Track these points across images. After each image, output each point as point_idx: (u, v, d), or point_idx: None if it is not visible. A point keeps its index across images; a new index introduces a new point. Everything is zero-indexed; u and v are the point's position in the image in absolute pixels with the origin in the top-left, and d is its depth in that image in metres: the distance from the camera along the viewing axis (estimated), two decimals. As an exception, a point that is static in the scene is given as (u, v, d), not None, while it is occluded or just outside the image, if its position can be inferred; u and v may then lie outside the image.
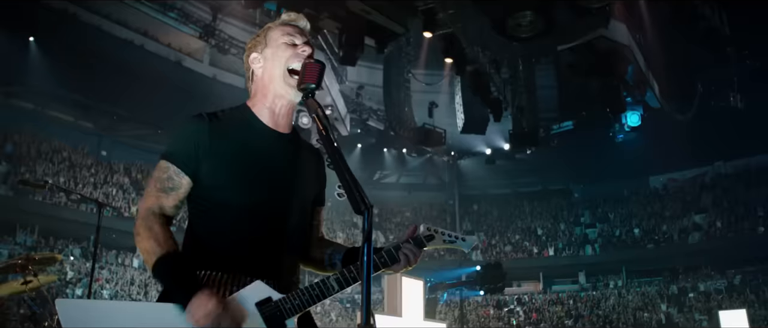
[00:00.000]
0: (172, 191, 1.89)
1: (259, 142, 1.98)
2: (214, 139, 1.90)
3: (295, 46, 2.01)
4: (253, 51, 2.07)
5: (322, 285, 1.86)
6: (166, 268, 1.78)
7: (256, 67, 2.05)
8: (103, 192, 24.79)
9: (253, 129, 1.99)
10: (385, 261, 1.96)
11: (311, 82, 1.87)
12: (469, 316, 27.05)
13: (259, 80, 2.05)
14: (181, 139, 1.92)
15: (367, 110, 23.13)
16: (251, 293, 1.81)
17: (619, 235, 30.29)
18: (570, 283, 30.63)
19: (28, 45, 22.16)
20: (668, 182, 32.14)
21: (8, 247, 21.25)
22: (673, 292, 26.61)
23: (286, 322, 1.81)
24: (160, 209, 1.88)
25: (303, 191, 2.04)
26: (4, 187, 22.00)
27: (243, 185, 1.91)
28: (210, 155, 1.89)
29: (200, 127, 1.91)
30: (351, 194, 1.65)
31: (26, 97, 25.83)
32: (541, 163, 27.92)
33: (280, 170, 1.98)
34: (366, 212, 1.63)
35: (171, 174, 1.89)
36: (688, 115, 20.01)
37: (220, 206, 1.90)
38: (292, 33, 2.05)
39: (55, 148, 25.37)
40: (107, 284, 21.39)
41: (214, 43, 20.63)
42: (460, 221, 32.70)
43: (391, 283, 6.66)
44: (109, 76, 22.43)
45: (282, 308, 1.81)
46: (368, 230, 1.63)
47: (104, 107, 27.33)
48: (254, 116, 2.01)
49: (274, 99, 2.01)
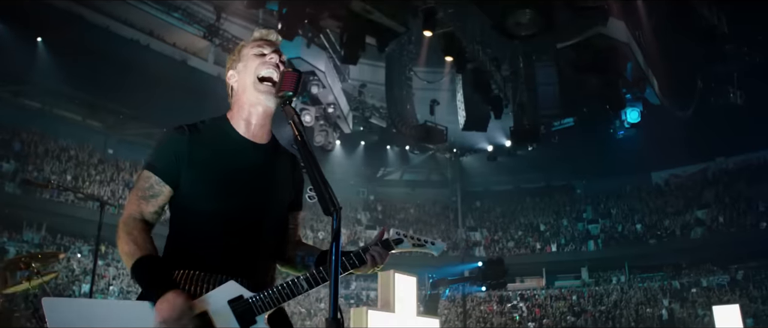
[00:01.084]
0: (152, 198, 2.00)
1: (235, 153, 2.08)
2: (194, 150, 2.02)
3: (264, 56, 2.14)
4: (230, 69, 2.21)
5: (293, 284, 1.95)
6: (142, 270, 1.88)
7: (233, 82, 2.18)
8: (109, 189, 25.09)
9: (229, 140, 2.10)
10: (353, 263, 2.05)
11: (288, 90, 2.00)
12: (472, 312, 27.21)
13: (235, 93, 2.17)
14: (162, 151, 2.05)
15: (369, 108, 23.28)
16: (224, 292, 1.90)
17: (621, 230, 30.35)
18: (572, 278, 30.72)
19: (35, 45, 22.37)
20: (670, 177, 32.11)
21: (16, 244, 21.54)
22: (675, 287, 26.67)
23: (256, 318, 1.89)
24: (141, 214, 1.99)
25: (277, 197, 2.15)
26: (12, 185, 22.28)
27: (219, 193, 2.01)
28: (189, 165, 2.01)
29: (181, 138, 2.03)
30: (321, 196, 1.80)
31: (34, 96, 26.11)
32: (543, 159, 27.99)
33: (254, 178, 2.08)
34: (335, 214, 1.76)
35: (152, 183, 2.01)
36: (688, 111, 20.10)
37: (197, 213, 2.00)
38: (262, 45, 2.17)
39: (62, 146, 25.65)
40: (114, 280, 21.65)
41: (218, 43, 20.86)
42: (462, 217, 32.83)
43: (384, 279, 6.85)
44: (115, 75, 22.64)
45: (253, 305, 1.90)
46: (337, 229, 1.75)
47: (110, 106, 27.56)
48: (231, 128, 2.12)
49: (249, 108, 2.12)
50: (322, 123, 19.54)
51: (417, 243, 2.17)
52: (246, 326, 1.87)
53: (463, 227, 32.59)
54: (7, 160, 23.06)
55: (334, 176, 31.87)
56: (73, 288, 19.86)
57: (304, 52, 17.59)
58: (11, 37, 21.20)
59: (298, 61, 17.69)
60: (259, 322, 1.89)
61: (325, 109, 19.28)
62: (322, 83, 18.33)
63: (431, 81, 21.32)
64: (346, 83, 22.08)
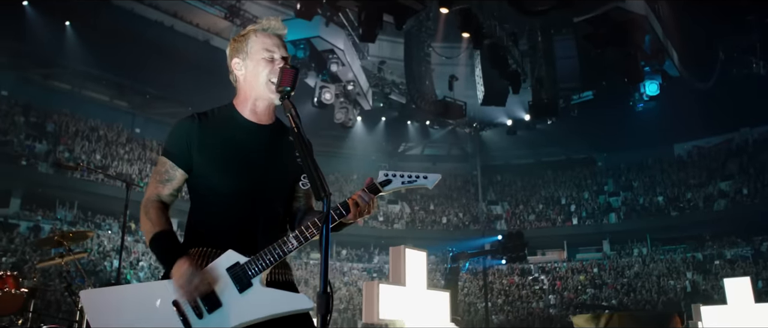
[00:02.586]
0: (168, 182, 2.23)
1: (242, 135, 2.27)
2: (204, 135, 2.22)
3: (273, 61, 2.28)
4: (235, 56, 2.33)
5: (282, 243, 2.09)
6: (158, 244, 2.12)
7: (239, 73, 2.32)
8: (137, 168, 25.82)
9: (236, 124, 2.29)
10: (340, 212, 2.13)
11: (287, 86, 2.15)
12: (493, 285, 27.52)
13: (242, 85, 2.33)
14: (175, 138, 2.24)
15: (389, 84, 23.43)
16: (223, 261, 2.09)
17: (642, 203, 30.27)
18: (594, 251, 30.80)
19: (64, 29, 22.97)
20: (693, 149, 31.76)
21: (50, 222, 22.41)
22: (698, 259, 26.64)
23: (251, 281, 2.06)
24: (158, 196, 2.23)
25: (282, 174, 2.31)
26: (45, 165, 23.06)
27: (227, 172, 2.21)
28: (200, 149, 2.21)
29: (192, 126, 2.24)
30: (313, 183, 1.96)
31: (64, 79, 26.85)
32: (563, 132, 27.88)
33: (260, 157, 2.26)
34: (325, 199, 1.92)
35: (167, 168, 2.23)
36: (709, 83, 19.88)
37: (210, 191, 2.22)
38: (270, 47, 2.30)
39: (91, 126, 26.41)
40: (143, 256, 22.41)
41: (239, 23, 21.15)
42: (483, 191, 33.00)
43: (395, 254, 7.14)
44: (141, 57, 23.18)
45: (247, 268, 2.07)
46: (326, 213, 1.92)
47: (137, 87, 28.20)
48: (238, 113, 2.31)
49: (256, 101, 2.30)
50: (343, 100, 19.79)
51: (407, 181, 2.20)
52: (243, 289, 2.05)
53: (483, 200, 32.77)
54: (40, 141, 23.86)
55: (355, 152, 32.28)
56: (104, 264, 20.62)
57: (323, 30, 17.80)
58: (42, 23, 21.84)
59: (317, 40, 17.95)
60: (255, 284, 2.06)
61: (345, 87, 19.50)
62: (342, 61, 18.53)
63: (449, 56, 21.36)
64: (365, 60, 22.23)
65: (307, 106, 19.74)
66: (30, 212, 22.67)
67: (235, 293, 2.06)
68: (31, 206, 22.90)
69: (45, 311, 11.17)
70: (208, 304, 2.04)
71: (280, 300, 2.08)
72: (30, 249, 19.12)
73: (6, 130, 22.95)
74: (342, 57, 18.48)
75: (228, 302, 2.05)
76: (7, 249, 18.86)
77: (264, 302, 2.05)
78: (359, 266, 29.05)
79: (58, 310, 14.08)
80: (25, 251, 18.96)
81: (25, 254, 18.79)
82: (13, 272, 5.48)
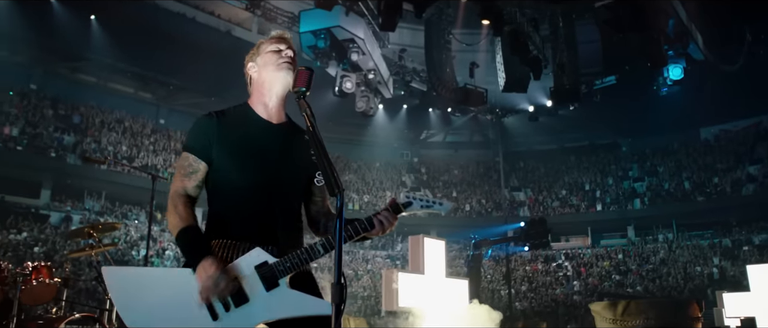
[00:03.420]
0: (192, 174, 2.35)
1: (257, 132, 2.42)
2: (222, 131, 2.37)
3: (280, 51, 2.49)
4: (249, 61, 2.55)
5: (310, 249, 2.23)
6: (184, 239, 2.24)
7: (252, 73, 2.53)
8: (162, 158, 26.24)
9: (251, 121, 2.44)
10: (365, 227, 2.30)
11: (302, 87, 2.26)
12: (517, 271, 27.50)
13: (255, 82, 2.52)
14: (196, 133, 2.39)
15: (409, 72, 23.39)
16: (251, 258, 2.21)
17: (668, 188, 29.90)
18: (619, 237, 30.58)
19: (89, 23, 23.34)
20: (720, 133, 31.19)
21: (79, 212, 22.95)
22: (726, 245, 26.29)
23: (279, 281, 2.19)
24: (184, 190, 2.34)
25: (295, 169, 2.44)
26: (73, 157, 23.56)
27: (246, 167, 2.35)
28: (219, 144, 2.35)
29: (211, 122, 2.39)
30: (328, 180, 2.06)
31: (90, 72, 27.32)
32: (586, 118, 27.60)
33: (274, 153, 2.40)
34: (338, 195, 2.03)
35: (191, 161, 2.35)
36: (736, 65, 19.46)
37: (229, 185, 2.35)
38: (277, 42, 2.53)
39: (117, 118, 26.90)
40: (169, 245, 22.83)
41: (259, 13, 21.26)
42: (506, 177, 32.88)
43: (414, 243, 7.24)
44: (164, 49, 23.45)
45: (276, 269, 2.20)
46: (340, 208, 2.02)
47: (161, 78, 28.57)
48: (252, 111, 2.47)
49: (268, 94, 2.46)
50: (364, 89, 19.83)
51: (425, 205, 2.37)
52: (270, 288, 2.19)
53: (506, 187, 32.66)
54: (68, 133, 24.38)
55: (377, 140, 32.38)
56: (132, 253, 21.06)
57: (343, 20, 17.84)
58: (68, 17, 22.24)
59: (337, 30, 17.99)
60: (282, 284, 2.20)
61: (366, 76, 19.54)
62: (362, 50, 18.55)
63: (470, 43, 21.23)
64: (386, 49, 22.22)
65: (329, 96, 19.83)
66: (59, 202, 23.23)
67: (263, 291, 2.19)
68: (60, 197, 23.46)
69: (76, 300, 11.50)
70: (236, 299, 2.17)
71: (304, 303, 2.21)
72: (60, 239, 19.62)
73: (36, 123, 23.48)
74: (362, 46, 18.51)
75: (255, 299, 2.18)
76: (38, 239, 19.37)
77: (289, 302, 2.19)
78: (383, 254, 29.23)
79: (87, 297, 14.47)
80: (56, 241, 19.46)
81: (56, 243, 19.29)
82: (47, 262, 5.69)
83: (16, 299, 5.13)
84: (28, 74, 25.73)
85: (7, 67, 23.93)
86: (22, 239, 19.12)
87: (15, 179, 22.15)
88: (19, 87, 24.69)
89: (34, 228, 19.95)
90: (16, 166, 21.83)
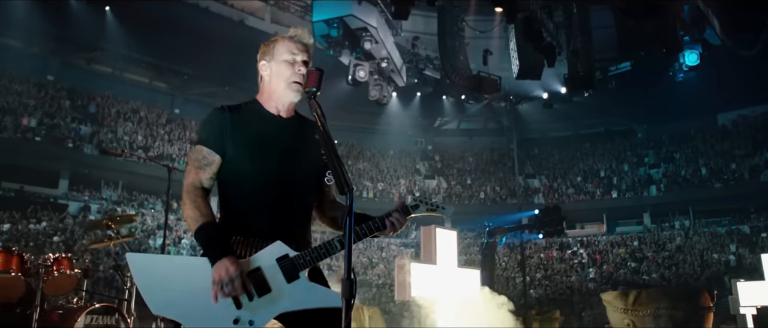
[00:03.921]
0: (206, 167, 2.38)
1: (271, 127, 2.48)
2: (235, 125, 2.41)
3: (294, 64, 2.49)
4: (262, 59, 2.55)
5: (329, 245, 2.32)
6: (203, 235, 2.29)
7: (264, 73, 2.54)
8: (177, 148, 26.46)
9: (263, 117, 2.50)
10: (377, 226, 2.40)
11: (313, 87, 2.33)
12: (532, 259, 27.46)
13: (266, 85, 2.54)
14: (209, 126, 2.43)
15: (423, 60, 23.31)
16: (272, 251, 2.31)
17: (684, 175, 29.63)
18: (634, 224, 30.41)
19: (104, 14, 23.52)
20: (738, 118, 30.79)
21: (97, 202, 23.28)
22: (744, 232, 26.05)
23: (299, 274, 2.30)
24: (200, 182, 2.38)
25: (306, 163, 2.48)
26: (90, 146, 23.85)
27: (260, 161, 2.40)
28: (233, 137, 2.39)
29: (224, 116, 2.43)
30: (337, 178, 2.12)
31: (105, 62, 27.57)
32: (601, 104, 27.35)
33: (286, 147, 2.46)
34: (348, 193, 2.10)
35: (204, 154, 2.38)
36: (753, 50, 19.17)
37: (243, 179, 2.39)
38: (294, 51, 2.51)
39: (133, 108, 27.14)
40: (185, 234, 23.07)
41: (272, 3, 21.26)
42: (520, 164, 32.75)
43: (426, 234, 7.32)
44: (178, 39, 23.59)
45: (296, 262, 2.30)
46: (350, 206, 2.09)
47: (175, 68, 28.74)
48: (263, 107, 2.52)
49: (278, 99, 2.51)
50: (377, 78, 19.81)
51: (431, 207, 2.50)
52: (290, 280, 2.29)
53: (521, 174, 32.54)
54: (84, 124, 24.65)
55: (391, 128, 32.38)
56: (149, 242, 21.34)
57: (356, 9, 17.79)
58: (83, 9, 22.49)
59: (350, 19, 17.94)
60: (301, 277, 2.30)
61: (379, 64, 19.50)
62: (375, 39, 18.49)
63: (483, 30, 21.10)
64: (399, 37, 22.15)
65: (342, 85, 19.83)
66: (77, 192, 23.55)
67: (284, 282, 2.30)
68: (78, 186, 23.79)
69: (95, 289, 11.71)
70: (258, 289, 2.27)
71: (322, 295, 2.32)
72: (79, 228, 19.91)
73: (53, 113, 23.77)
74: (375, 35, 18.45)
75: (276, 289, 2.29)
76: (57, 228, 19.68)
77: (309, 294, 2.31)
78: (397, 242, 29.32)
79: (105, 286, 14.71)
80: (74, 230, 19.75)
81: (75, 233, 19.58)
82: (68, 254, 5.82)
83: (39, 290, 5.26)
84: (45, 65, 26.04)
85: (24, 58, 24.24)
86: (42, 228, 19.43)
87: (34, 169, 22.52)
88: (36, 78, 24.99)
89: (53, 218, 20.25)
90: (34, 156, 22.18)
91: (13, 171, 21.86)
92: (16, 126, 22.09)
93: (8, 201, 20.53)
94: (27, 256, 5.54)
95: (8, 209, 19.48)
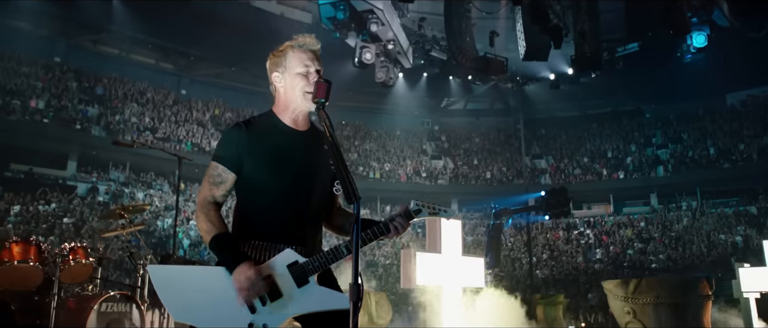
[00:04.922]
0: (221, 184, 2.49)
1: (286, 140, 2.56)
2: (252, 141, 2.49)
3: (308, 75, 2.56)
4: (275, 70, 2.62)
5: (336, 250, 2.44)
6: (218, 245, 2.41)
7: (279, 85, 2.62)
8: (185, 129, 26.56)
9: (279, 130, 2.58)
10: (381, 231, 2.50)
11: (322, 98, 2.42)
12: (538, 240, 27.52)
13: (282, 96, 2.62)
14: (225, 145, 2.52)
15: (429, 41, 23.21)
16: (283, 258, 2.44)
17: (692, 155, 29.53)
18: (641, 205, 30.40)
19: (111, -4, 23.62)
20: (747, 98, 30.59)
21: (105, 183, 23.48)
22: (752, 213, 26.01)
23: (309, 279, 2.42)
24: (213, 198, 2.49)
25: (321, 175, 2.59)
26: (98, 128, 23.98)
27: (277, 174, 2.49)
28: (250, 153, 2.48)
29: (240, 133, 2.50)
30: (345, 187, 2.22)
31: (112, 44, 27.62)
32: (608, 85, 27.16)
33: (301, 160, 2.55)
34: (356, 202, 2.19)
35: (220, 172, 2.49)
36: (762, 32, 18.98)
37: (260, 191, 2.49)
38: (306, 62, 2.58)
39: (139, 89, 27.20)
40: (192, 215, 23.23)
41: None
42: (527, 145, 32.70)
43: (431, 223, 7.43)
44: (184, 20, 23.60)
45: (306, 268, 2.42)
46: (357, 214, 2.18)
47: (181, 49, 28.81)
48: (279, 120, 2.60)
49: (294, 110, 2.59)
50: (383, 60, 19.74)
51: (433, 211, 2.60)
52: (301, 285, 2.41)
53: (527, 154, 32.53)
54: (92, 105, 24.77)
55: (398, 108, 32.36)
56: (157, 223, 21.53)
57: (362, -9, 17.71)
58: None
59: (356, 1, 17.87)
60: (311, 282, 2.43)
61: (385, 46, 19.41)
62: (381, 21, 18.39)
63: (489, 11, 20.97)
64: (405, 18, 22.01)
65: (349, 66, 19.81)
66: (85, 173, 23.75)
67: (294, 287, 2.43)
68: (86, 168, 23.98)
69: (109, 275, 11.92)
70: (271, 294, 2.40)
71: (331, 298, 2.46)
72: (88, 210, 20.11)
73: (60, 95, 23.87)
74: (381, 16, 18.36)
75: (288, 294, 2.42)
76: (67, 210, 19.88)
77: (318, 298, 2.44)
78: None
79: (116, 269, 14.91)
80: (83, 212, 19.95)
81: (84, 214, 19.78)
82: (83, 243, 5.96)
83: (56, 278, 5.39)
84: (52, 47, 26.10)
85: (32, 40, 24.28)
86: (52, 209, 19.64)
87: (42, 150, 22.71)
88: (44, 60, 25.06)
89: (62, 199, 20.45)
90: (43, 138, 22.33)
91: (23, 153, 22.06)
92: (25, 108, 22.21)
93: (18, 183, 20.76)
94: (44, 246, 5.71)
95: (19, 190, 19.67)
